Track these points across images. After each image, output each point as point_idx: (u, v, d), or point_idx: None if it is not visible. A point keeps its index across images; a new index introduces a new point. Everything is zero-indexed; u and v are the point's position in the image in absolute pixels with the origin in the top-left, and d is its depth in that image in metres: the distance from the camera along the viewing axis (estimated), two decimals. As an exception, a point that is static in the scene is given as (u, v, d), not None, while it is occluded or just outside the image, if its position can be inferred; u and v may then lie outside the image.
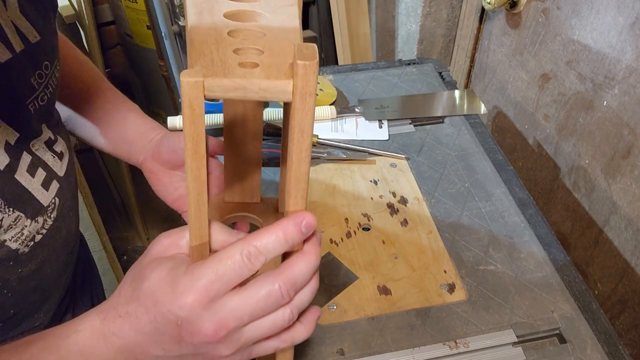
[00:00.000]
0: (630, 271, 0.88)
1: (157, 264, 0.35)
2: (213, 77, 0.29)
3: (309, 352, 0.60)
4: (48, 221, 0.52)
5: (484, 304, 0.65)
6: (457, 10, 1.30)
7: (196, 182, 0.34)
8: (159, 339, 0.34)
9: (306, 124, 0.32)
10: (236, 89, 0.30)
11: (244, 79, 0.29)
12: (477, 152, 0.86)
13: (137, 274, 0.35)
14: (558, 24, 0.97)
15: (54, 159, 0.52)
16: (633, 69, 0.81)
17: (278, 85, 0.30)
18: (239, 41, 0.32)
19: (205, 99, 0.30)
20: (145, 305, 0.33)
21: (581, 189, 0.98)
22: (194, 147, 0.32)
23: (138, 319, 0.34)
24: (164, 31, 1.26)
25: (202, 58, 0.30)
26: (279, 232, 0.34)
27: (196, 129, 0.32)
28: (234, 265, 0.32)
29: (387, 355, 0.60)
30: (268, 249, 0.33)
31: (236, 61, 0.30)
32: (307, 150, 0.33)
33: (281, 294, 0.34)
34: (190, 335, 0.33)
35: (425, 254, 0.70)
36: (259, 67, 0.30)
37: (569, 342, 0.61)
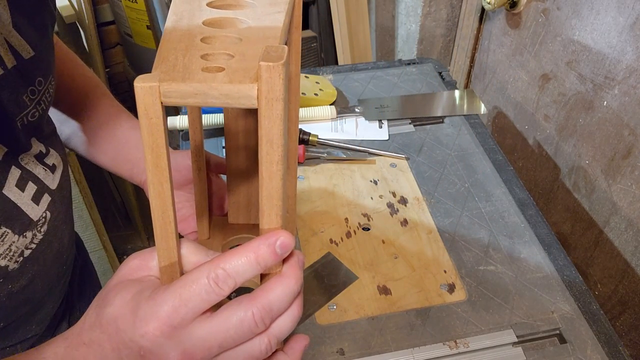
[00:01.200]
0: (630, 272, 0.88)
1: (122, 288, 0.32)
2: (170, 82, 0.27)
3: (309, 352, 0.60)
4: (38, 235, 0.50)
5: (484, 304, 0.64)
6: (457, 10, 1.30)
7: (159, 198, 0.31)
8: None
9: (274, 134, 0.29)
10: (195, 95, 0.27)
11: (204, 84, 0.27)
12: (477, 152, 0.86)
13: (102, 298, 0.33)
14: (558, 24, 0.97)
15: (46, 172, 0.51)
16: (633, 69, 0.81)
17: (241, 90, 0.27)
18: (211, 47, 0.30)
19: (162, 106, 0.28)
20: (108, 332, 0.31)
21: (581, 190, 0.98)
22: (154, 160, 0.30)
23: (101, 346, 0.31)
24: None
25: (164, 63, 0.28)
26: (249, 254, 0.30)
27: (155, 139, 0.29)
28: (199, 290, 0.29)
29: (387, 355, 0.60)
30: (238, 271, 0.30)
31: (200, 66, 0.28)
32: (278, 163, 0.30)
33: (255, 322, 0.30)
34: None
35: (425, 254, 0.70)
36: (223, 72, 0.28)
37: (569, 343, 0.61)
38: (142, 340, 0.30)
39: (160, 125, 0.28)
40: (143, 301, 0.30)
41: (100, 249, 1.36)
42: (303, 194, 0.79)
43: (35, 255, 0.51)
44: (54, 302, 0.60)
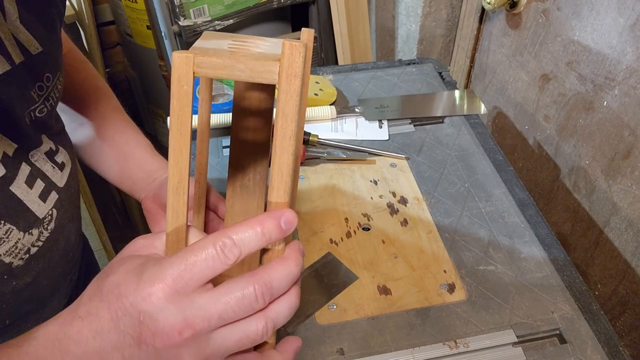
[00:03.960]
0: (630, 272, 0.88)
1: (126, 260, 0.33)
2: (204, 55, 0.31)
3: (309, 352, 0.60)
4: (44, 233, 0.50)
5: (484, 304, 0.64)
6: (457, 11, 1.30)
7: (177, 166, 0.33)
8: (118, 341, 0.31)
9: (290, 108, 0.31)
10: (224, 67, 0.31)
11: (233, 59, 0.31)
12: (477, 152, 0.86)
13: (105, 272, 0.33)
14: (558, 25, 0.97)
15: (54, 170, 0.51)
16: (633, 70, 0.81)
17: (265, 65, 0.30)
18: (236, 51, 0.33)
19: (194, 76, 0.31)
20: (107, 299, 0.31)
21: (581, 190, 0.98)
22: (178, 127, 0.32)
23: (98, 317, 0.31)
24: (164, 31, 1.26)
25: (197, 49, 0.32)
26: (256, 226, 0.31)
27: (182, 106, 0.32)
28: (206, 256, 0.30)
29: (387, 355, 0.60)
30: (244, 242, 0.31)
31: (229, 50, 0.32)
32: (290, 138, 0.32)
33: (255, 296, 0.31)
34: (152, 336, 0.30)
35: (425, 254, 0.70)
36: (252, 54, 0.32)
37: (569, 343, 0.61)
38: (143, 303, 0.30)
39: (190, 93, 0.31)
40: (150, 266, 0.31)
41: (100, 249, 1.36)
42: (303, 194, 0.79)
43: (42, 253, 0.51)
44: (60, 300, 0.60)
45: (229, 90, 0.95)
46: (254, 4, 1.31)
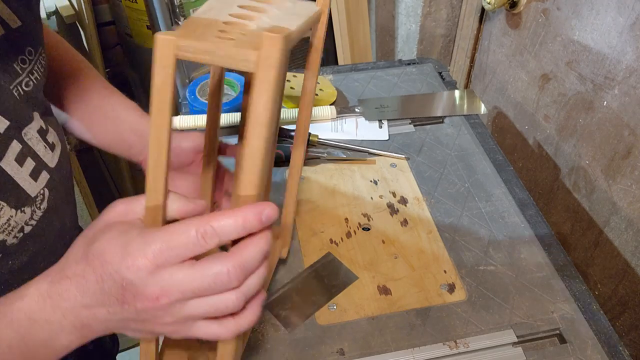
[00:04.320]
0: (630, 272, 0.88)
1: (110, 227, 0.35)
2: (186, 38, 0.31)
3: (309, 352, 0.60)
4: (37, 212, 0.51)
5: (484, 304, 0.64)
6: (457, 10, 1.30)
7: (158, 140, 0.35)
8: (103, 300, 0.34)
9: (264, 98, 0.32)
10: (205, 52, 0.31)
11: (213, 44, 0.31)
12: (477, 152, 0.86)
13: (89, 237, 0.36)
14: (558, 25, 0.97)
15: (46, 150, 0.51)
16: (633, 69, 0.81)
17: (243, 54, 0.31)
18: (229, 27, 0.34)
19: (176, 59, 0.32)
20: (93, 265, 0.34)
21: (581, 190, 0.98)
22: (159, 105, 0.34)
23: (85, 278, 0.34)
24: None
25: (184, 29, 0.33)
26: (238, 218, 0.33)
27: (163, 85, 0.33)
28: (187, 240, 0.33)
29: (387, 355, 0.60)
30: (224, 231, 0.33)
31: (215, 35, 0.32)
32: (262, 125, 0.32)
33: (229, 278, 0.33)
34: (133, 297, 0.34)
35: (425, 254, 0.70)
36: (233, 41, 0.32)
37: (569, 343, 0.61)
38: (127, 272, 0.33)
39: (170, 75, 0.33)
40: (133, 238, 0.33)
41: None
42: (303, 194, 0.79)
43: (36, 233, 0.51)
44: None
45: (229, 90, 0.95)
46: (254, 4, 1.31)
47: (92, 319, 0.36)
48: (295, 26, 0.36)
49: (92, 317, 0.35)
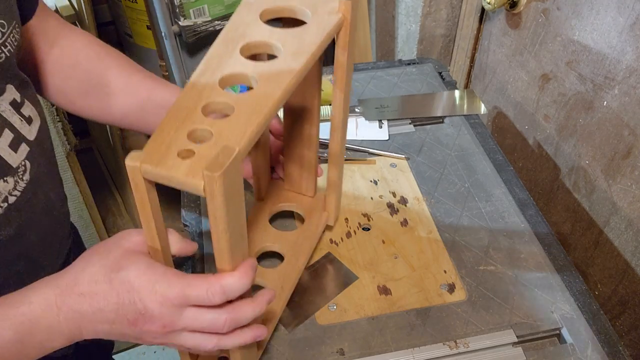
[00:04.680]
0: (630, 272, 0.88)
1: (135, 258, 0.41)
2: (149, 164, 0.35)
3: (309, 352, 0.60)
4: (20, 183, 0.52)
5: (484, 304, 0.64)
6: (457, 10, 1.30)
7: (150, 234, 0.42)
8: (114, 319, 0.40)
9: (218, 216, 0.37)
10: (163, 178, 0.36)
11: (169, 172, 0.35)
12: (477, 152, 0.86)
13: (112, 262, 0.41)
14: (558, 25, 0.97)
15: (22, 122, 0.52)
16: (633, 69, 0.81)
17: (193, 184, 0.35)
18: (201, 120, 0.38)
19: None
20: (118, 289, 0.39)
21: (581, 190, 0.98)
22: (144, 215, 0.40)
23: (105, 299, 0.40)
24: (164, 31, 1.26)
25: (159, 136, 0.37)
26: (243, 278, 0.41)
27: (141, 200, 0.39)
28: (199, 294, 0.40)
29: (387, 355, 0.60)
30: (230, 290, 0.40)
31: (178, 148, 0.36)
32: (223, 231, 0.38)
33: (223, 325, 0.41)
34: (144, 322, 0.40)
35: (425, 254, 0.70)
36: (190, 159, 0.36)
37: (569, 343, 0.61)
38: (150, 303, 0.39)
39: (144, 193, 0.38)
40: (160, 277, 0.40)
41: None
42: (303, 194, 0.79)
43: (21, 205, 0.52)
44: (53, 264, 0.61)
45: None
46: (254, 4, 1.31)
47: (92, 331, 0.41)
48: (285, 81, 0.41)
49: (92, 329, 0.41)
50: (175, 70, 1.33)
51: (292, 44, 0.46)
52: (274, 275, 0.63)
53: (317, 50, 0.46)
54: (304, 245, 0.65)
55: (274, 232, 0.67)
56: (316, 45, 0.46)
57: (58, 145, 1.10)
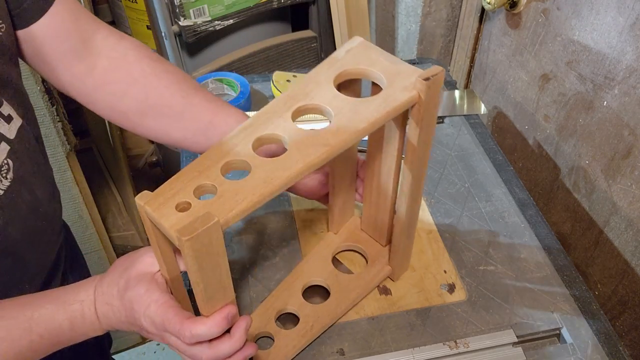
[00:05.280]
0: (630, 272, 0.88)
1: (138, 282, 0.47)
2: (149, 207, 0.40)
3: (309, 352, 0.60)
4: (4, 182, 0.51)
5: (484, 304, 0.64)
6: (457, 10, 1.30)
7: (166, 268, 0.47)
8: (127, 324, 0.49)
9: (191, 270, 0.40)
10: (157, 223, 0.40)
11: (160, 220, 0.39)
12: (477, 152, 0.86)
13: (124, 282, 0.48)
14: (558, 25, 0.97)
15: (0, 122, 0.51)
16: (633, 69, 0.81)
17: (174, 237, 0.38)
18: (215, 175, 0.42)
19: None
20: (125, 307, 0.47)
21: (581, 190, 0.98)
22: (153, 245, 0.45)
23: (119, 312, 0.48)
24: (164, 31, 1.26)
25: (174, 182, 0.41)
26: (212, 324, 0.44)
27: (149, 231, 0.42)
28: (173, 332, 0.45)
29: (387, 355, 0.60)
30: (200, 337, 0.44)
31: (180, 200, 0.40)
32: (195, 284, 0.42)
33: (202, 358, 0.46)
34: (146, 332, 0.48)
35: (425, 254, 0.70)
36: (185, 212, 0.39)
37: (569, 343, 0.61)
38: (143, 322, 0.47)
39: (151, 227, 0.42)
40: (151, 303, 0.46)
41: (100, 249, 1.36)
42: (303, 194, 0.79)
43: (5, 202, 0.52)
44: (41, 261, 0.60)
45: (229, 90, 0.95)
46: (254, 4, 1.31)
47: (119, 327, 0.50)
48: (294, 167, 0.42)
49: (118, 327, 0.50)
50: (175, 70, 1.33)
51: (345, 115, 0.46)
52: (309, 311, 0.62)
53: (367, 126, 0.45)
54: (352, 292, 0.63)
55: (330, 269, 0.66)
56: (368, 122, 0.45)
57: (58, 145, 1.10)
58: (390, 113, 0.46)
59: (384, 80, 0.49)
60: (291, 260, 0.70)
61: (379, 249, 0.67)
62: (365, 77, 0.51)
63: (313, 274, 0.66)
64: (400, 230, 0.60)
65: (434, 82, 0.47)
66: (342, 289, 0.64)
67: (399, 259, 0.64)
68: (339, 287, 0.64)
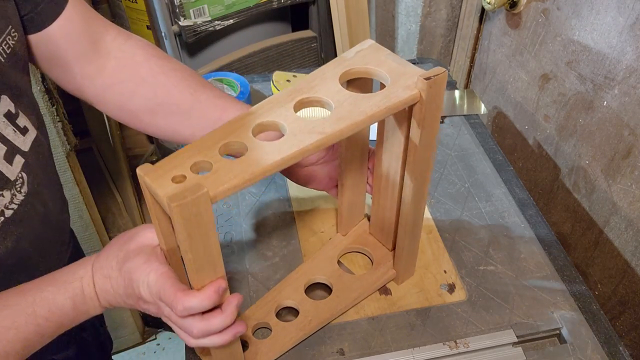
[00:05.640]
0: (630, 272, 0.88)
1: (137, 253, 0.47)
2: (149, 178, 0.41)
3: (309, 352, 0.60)
4: (18, 196, 0.51)
5: (484, 304, 0.64)
6: (457, 10, 1.30)
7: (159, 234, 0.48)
8: (125, 297, 0.48)
9: (180, 238, 0.41)
10: (153, 192, 0.41)
11: (156, 189, 0.41)
12: (477, 152, 0.86)
13: (124, 254, 0.48)
14: (558, 25, 0.97)
15: (15, 134, 0.51)
16: (633, 69, 0.81)
17: (164, 205, 0.40)
18: (213, 154, 0.43)
19: None
20: (124, 277, 0.47)
21: (581, 190, 0.98)
22: (153, 217, 0.45)
23: (117, 283, 0.48)
24: (164, 31, 1.26)
25: (174, 158, 0.43)
26: (202, 297, 0.45)
27: (149, 202, 0.44)
28: (167, 303, 0.45)
29: (387, 355, 0.60)
30: (192, 310, 0.45)
31: (177, 173, 0.41)
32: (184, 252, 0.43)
33: (193, 333, 0.46)
34: (143, 303, 0.48)
35: (425, 254, 0.70)
36: (180, 184, 0.41)
37: (569, 343, 0.61)
38: (142, 291, 0.46)
39: (150, 197, 0.43)
40: (150, 272, 0.46)
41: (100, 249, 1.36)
42: (303, 193, 0.79)
43: (19, 217, 0.51)
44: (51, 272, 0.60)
45: (230, 90, 0.95)
46: (254, 4, 1.31)
47: (116, 302, 0.49)
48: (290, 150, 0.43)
49: (115, 301, 0.49)
50: (175, 70, 1.33)
51: (346, 107, 0.47)
52: (309, 306, 0.62)
53: (365, 118, 0.46)
54: (354, 292, 0.64)
55: (334, 269, 0.67)
56: (366, 115, 0.46)
57: (58, 146, 1.10)
58: (390, 109, 0.47)
59: (388, 79, 0.50)
60: (291, 260, 0.70)
61: (385, 253, 0.68)
62: (370, 76, 0.52)
63: (317, 272, 0.66)
64: (404, 232, 0.60)
65: (435, 82, 0.47)
66: (345, 288, 0.64)
67: (403, 262, 0.64)
68: (342, 286, 0.64)
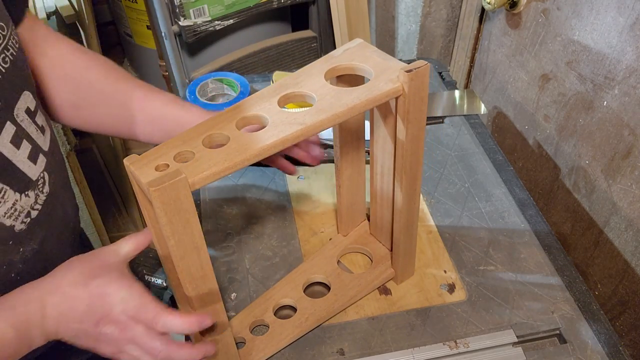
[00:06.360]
0: (630, 272, 0.88)
1: (107, 269, 0.46)
2: (134, 167, 0.42)
3: (309, 352, 0.60)
4: (41, 196, 0.51)
5: (484, 304, 0.64)
6: (457, 10, 1.30)
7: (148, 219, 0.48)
8: (82, 317, 0.45)
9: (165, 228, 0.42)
10: (137, 179, 0.42)
11: (140, 177, 0.41)
12: (477, 152, 0.86)
13: (89, 270, 0.46)
14: (558, 25, 0.97)
15: (37, 132, 0.51)
16: (633, 69, 0.81)
17: (149, 192, 0.40)
18: (196, 145, 0.44)
19: None
20: (91, 293, 0.44)
21: (581, 190, 0.98)
22: (141, 201, 0.46)
23: (80, 299, 0.44)
24: (164, 31, 1.26)
25: (160, 148, 0.44)
26: (184, 322, 0.45)
27: (142, 197, 0.45)
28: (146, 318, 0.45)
29: (387, 355, 0.60)
30: (171, 329, 0.45)
31: (160, 162, 0.43)
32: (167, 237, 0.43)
33: (157, 355, 0.46)
34: (105, 323, 0.45)
35: (425, 254, 0.70)
36: (162, 172, 0.41)
37: (569, 343, 0.61)
38: (115, 305, 0.45)
39: (137, 186, 0.44)
40: (126, 287, 0.46)
41: (100, 249, 1.36)
42: (303, 194, 0.79)
43: (42, 218, 0.52)
44: None
45: (229, 90, 0.95)
46: (254, 4, 1.31)
47: (65, 329, 0.45)
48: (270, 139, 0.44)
49: (65, 328, 0.45)
50: (175, 70, 1.33)
51: (328, 100, 0.48)
52: (307, 304, 0.63)
53: (346, 110, 0.46)
54: (351, 290, 0.64)
55: (333, 268, 0.67)
56: (347, 106, 0.47)
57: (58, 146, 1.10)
58: (371, 101, 0.47)
59: (372, 73, 0.50)
60: (291, 260, 0.70)
61: (385, 252, 0.68)
62: (354, 71, 0.53)
63: (316, 271, 0.66)
64: (399, 230, 0.60)
65: (417, 75, 0.48)
66: (343, 286, 0.64)
67: (401, 261, 0.64)
68: (340, 285, 0.65)
